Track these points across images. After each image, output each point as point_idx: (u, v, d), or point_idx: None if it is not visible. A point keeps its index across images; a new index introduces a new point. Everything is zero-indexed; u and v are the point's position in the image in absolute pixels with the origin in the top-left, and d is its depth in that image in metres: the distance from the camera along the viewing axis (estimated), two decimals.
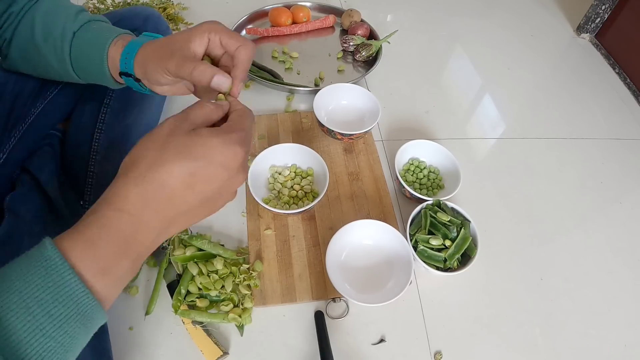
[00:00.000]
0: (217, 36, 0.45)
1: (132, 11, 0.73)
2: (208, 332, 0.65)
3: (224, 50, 0.46)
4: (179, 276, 0.69)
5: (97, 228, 0.30)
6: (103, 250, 0.29)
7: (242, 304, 0.67)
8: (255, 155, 0.86)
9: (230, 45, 0.44)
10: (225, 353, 0.64)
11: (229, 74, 0.43)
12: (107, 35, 0.51)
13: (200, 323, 0.65)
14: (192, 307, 0.67)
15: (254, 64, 1.04)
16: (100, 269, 0.29)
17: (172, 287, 0.69)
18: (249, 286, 0.68)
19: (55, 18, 0.52)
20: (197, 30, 0.45)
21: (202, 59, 0.46)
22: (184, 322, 0.66)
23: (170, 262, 0.71)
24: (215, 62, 0.47)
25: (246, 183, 0.82)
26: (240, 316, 0.65)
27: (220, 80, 0.42)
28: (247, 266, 0.70)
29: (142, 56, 0.49)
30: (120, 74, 0.51)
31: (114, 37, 0.51)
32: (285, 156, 0.82)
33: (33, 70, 0.57)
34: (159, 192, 0.31)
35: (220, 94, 0.43)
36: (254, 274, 0.70)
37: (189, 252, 0.70)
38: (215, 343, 0.64)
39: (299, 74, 1.05)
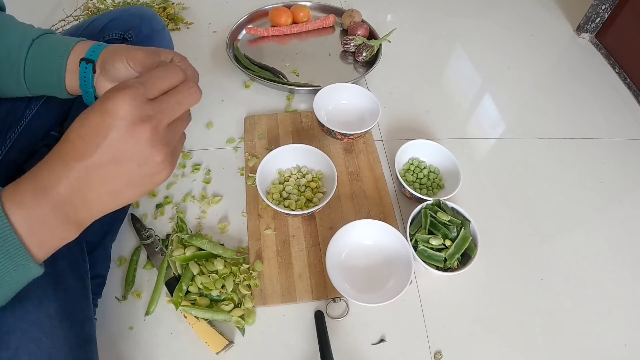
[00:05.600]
0: (177, 59, 0.49)
1: (127, 11, 0.72)
2: (211, 324, 0.65)
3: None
4: (178, 277, 0.69)
5: (29, 173, 0.34)
6: (23, 187, 0.34)
7: (242, 304, 0.67)
8: (255, 154, 0.86)
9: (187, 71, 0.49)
10: (231, 342, 0.64)
11: None
12: (72, 39, 0.53)
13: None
14: (193, 304, 0.67)
15: (254, 63, 1.04)
16: (18, 202, 0.33)
17: (169, 285, 0.69)
18: (249, 286, 0.68)
19: (9, 29, 0.52)
20: (167, 50, 0.50)
21: None
22: (185, 317, 0.66)
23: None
24: None
25: (246, 183, 0.82)
26: (243, 318, 0.65)
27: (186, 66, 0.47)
28: (247, 266, 0.71)
29: (111, 47, 0.52)
30: (82, 59, 0.52)
31: (80, 39, 0.54)
32: (292, 157, 0.82)
33: None
34: (67, 146, 0.34)
35: None
36: (254, 273, 0.70)
37: (189, 252, 0.70)
38: (220, 333, 0.64)
39: (297, 75, 1.06)
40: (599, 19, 1.27)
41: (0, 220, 0.32)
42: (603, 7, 1.24)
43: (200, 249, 0.71)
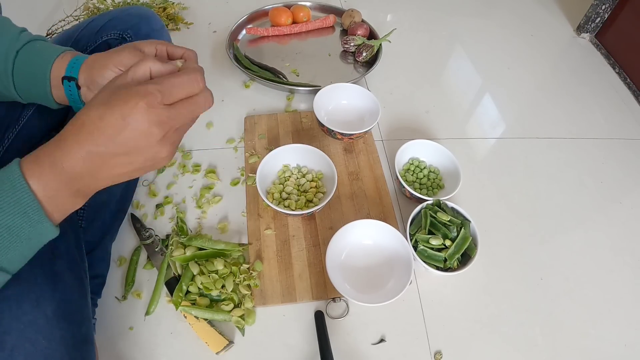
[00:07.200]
0: (164, 46, 0.49)
1: (126, 11, 0.72)
2: (211, 324, 0.65)
3: (170, 58, 0.50)
4: (178, 277, 0.69)
5: (46, 148, 0.38)
6: (41, 160, 0.38)
7: (242, 304, 0.67)
8: (255, 154, 0.86)
9: (176, 53, 0.49)
10: (231, 342, 0.64)
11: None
12: (53, 51, 0.52)
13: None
14: (193, 304, 0.67)
15: (254, 63, 1.04)
16: (37, 174, 0.37)
17: (169, 285, 0.69)
18: (249, 286, 0.68)
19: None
20: (145, 41, 0.50)
21: None
22: (185, 317, 0.66)
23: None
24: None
25: (246, 183, 0.82)
26: (243, 318, 0.65)
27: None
28: (247, 266, 0.71)
29: (90, 59, 0.51)
30: (64, 78, 0.51)
31: (61, 51, 0.53)
32: (292, 157, 0.82)
33: None
34: (84, 132, 0.38)
35: None
36: (254, 273, 0.70)
37: (189, 252, 0.70)
38: (220, 333, 0.64)
39: (297, 75, 1.06)
40: (599, 19, 1.27)
41: (18, 181, 0.36)
42: (603, 7, 1.24)
43: (201, 249, 0.71)
